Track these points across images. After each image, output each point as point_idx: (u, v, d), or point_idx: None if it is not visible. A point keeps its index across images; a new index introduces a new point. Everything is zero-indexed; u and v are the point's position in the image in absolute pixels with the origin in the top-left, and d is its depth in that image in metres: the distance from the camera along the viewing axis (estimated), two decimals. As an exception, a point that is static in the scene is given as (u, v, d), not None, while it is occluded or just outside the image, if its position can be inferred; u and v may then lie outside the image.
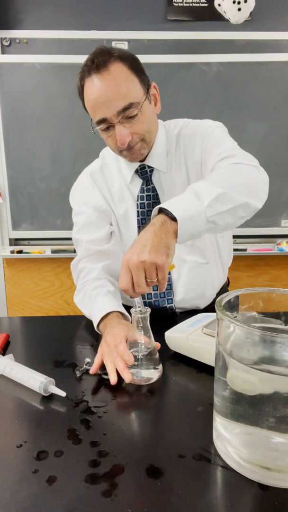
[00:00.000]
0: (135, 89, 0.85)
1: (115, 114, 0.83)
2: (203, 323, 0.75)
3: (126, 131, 0.85)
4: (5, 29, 1.93)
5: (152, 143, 0.95)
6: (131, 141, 0.87)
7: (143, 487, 0.43)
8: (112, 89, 0.83)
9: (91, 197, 1.04)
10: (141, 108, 0.86)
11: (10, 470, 0.46)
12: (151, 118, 0.91)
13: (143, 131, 0.88)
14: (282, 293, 0.52)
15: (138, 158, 0.93)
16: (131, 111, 0.84)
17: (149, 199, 1.00)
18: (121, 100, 0.83)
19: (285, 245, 2.19)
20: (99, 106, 0.84)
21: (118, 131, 0.85)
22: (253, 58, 1.95)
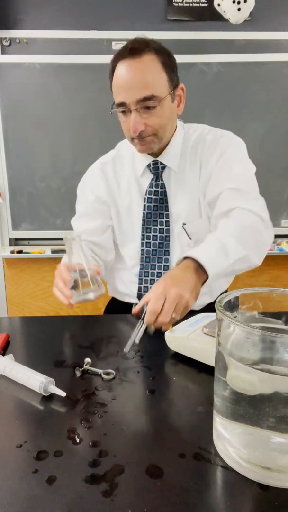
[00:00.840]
0: (161, 84, 0.88)
1: (134, 101, 0.86)
2: (203, 323, 0.75)
3: (141, 120, 0.88)
4: (5, 29, 1.94)
5: (165, 140, 0.97)
6: (144, 132, 0.90)
7: (143, 487, 0.43)
8: (138, 77, 0.85)
9: (95, 188, 1.08)
10: (161, 103, 0.88)
11: (10, 470, 0.46)
12: (170, 116, 0.93)
13: (157, 125, 0.90)
14: (282, 293, 0.52)
15: (147, 150, 0.95)
16: (151, 102, 0.86)
17: (156, 195, 1.02)
18: (144, 89, 0.85)
19: (285, 245, 2.19)
20: (122, 89, 0.87)
21: (133, 118, 0.87)
22: (253, 58, 1.95)
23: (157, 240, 1.04)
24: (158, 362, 0.72)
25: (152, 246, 1.05)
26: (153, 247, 1.05)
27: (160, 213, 1.02)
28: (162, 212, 1.02)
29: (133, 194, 1.05)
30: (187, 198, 1.01)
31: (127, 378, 0.66)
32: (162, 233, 1.04)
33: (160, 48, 0.90)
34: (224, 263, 0.80)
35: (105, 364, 0.71)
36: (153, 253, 1.06)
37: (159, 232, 1.04)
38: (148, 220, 1.04)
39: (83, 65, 1.91)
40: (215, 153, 0.98)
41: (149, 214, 1.03)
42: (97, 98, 1.90)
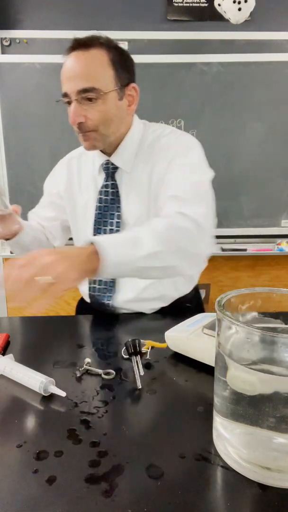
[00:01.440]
0: (105, 78, 0.87)
1: (75, 92, 0.86)
2: (203, 323, 0.75)
3: (81, 111, 0.87)
4: (5, 29, 1.94)
5: (111, 139, 0.94)
6: (84, 125, 0.89)
7: (143, 487, 0.43)
8: (81, 68, 0.85)
9: (58, 182, 1.09)
10: (104, 98, 0.87)
11: (10, 470, 0.46)
12: (115, 113, 0.91)
13: (98, 120, 0.88)
14: (282, 293, 0.52)
15: (91, 147, 0.93)
16: (91, 94, 0.86)
17: (107, 195, 1.00)
18: (85, 80, 0.85)
19: (285, 245, 2.19)
20: (66, 80, 0.88)
21: (72, 108, 0.87)
22: (253, 58, 1.95)
23: None
24: (158, 362, 0.72)
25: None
26: None
27: (111, 214, 0.99)
28: (113, 213, 0.99)
29: (90, 192, 1.03)
30: (138, 201, 0.98)
31: (127, 378, 0.66)
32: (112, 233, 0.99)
33: (110, 45, 0.88)
34: (130, 254, 0.73)
35: (105, 364, 0.71)
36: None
37: (109, 233, 1.00)
38: (99, 220, 1.01)
39: (83, 65, 1.91)
40: (166, 158, 0.93)
41: (99, 214, 1.00)
42: (97, 98, 1.90)
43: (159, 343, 0.76)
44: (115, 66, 0.88)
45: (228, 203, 2.11)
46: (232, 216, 2.14)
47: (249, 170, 2.08)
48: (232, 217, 2.14)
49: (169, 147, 0.95)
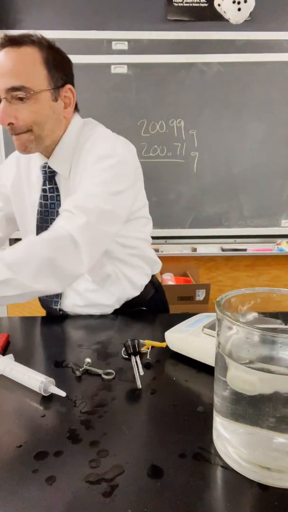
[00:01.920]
0: (36, 77, 0.83)
1: (4, 90, 0.82)
2: (203, 323, 0.75)
3: (11, 111, 0.83)
4: (5, 29, 1.93)
5: (46, 142, 0.90)
6: (15, 127, 0.84)
7: (143, 487, 0.43)
8: (11, 65, 0.81)
9: (4, 173, 1.05)
10: (35, 97, 0.83)
11: (10, 470, 0.46)
12: (47, 114, 0.86)
13: (29, 120, 0.84)
14: (282, 293, 0.52)
15: (25, 150, 0.89)
16: (21, 93, 0.82)
17: (46, 199, 0.95)
18: (14, 78, 0.81)
19: (285, 245, 2.20)
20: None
21: (1, 107, 0.82)
22: (253, 58, 1.95)
23: None
24: (158, 362, 0.72)
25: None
26: None
27: (52, 219, 0.94)
28: (53, 218, 0.94)
29: (36, 192, 0.98)
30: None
31: (127, 378, 0.66)
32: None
33: (45, 44, 0.85)
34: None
35: (105, 364, 0.71)
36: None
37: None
38: (41, 225, 0.96)
39: (83, 65, 1.91)
40: (81, 167, 0.90)
41: (41, 219, 0.96)
42: (97, 98, 1.90)
43: (159, 343, 0.76)
44: (48, 65, 0.84)
45: (228, 203, 2.12)
46: (232, 216, 2.14)
47: (249, 170, 2.08)
48: (232, 217, 2.14)
49: (87, 154, 0.90)
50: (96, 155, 0.88)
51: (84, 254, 0.80)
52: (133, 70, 1.93)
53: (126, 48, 1.94)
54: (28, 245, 0.78)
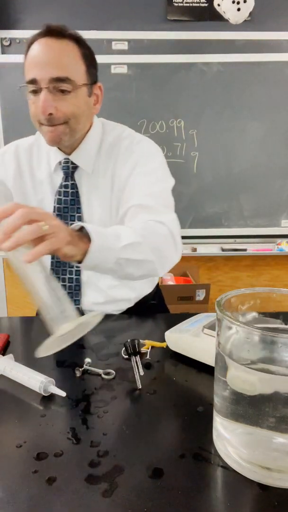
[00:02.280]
0: (78, 71, 0.83)
1: (47, 79, 0.80)
2: (203, 323, 0.75)
3: (52, 102, 0.81)
4: (5, 29, 1.94)
5: (78, 134, 0.90)
6: (54, 117, 0.83)
7: (143, 487, 0.43)
8: (56, 56, 0.81)
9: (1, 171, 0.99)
10: (76, 91, 0.83)
11: (10, 470, 0.46)
12: (84, 108, 0.87)
13: (69, 112, 0.84)
14: (282, 293, 0.52)
15: (57, 141, 0.87)
16: (65, 85, 0.81)
17: (67, 196, 0.95)
18: (60, 69, 0.80)
19: (285, 245, 2.19)
20: (36, 66, 0.80)
21: (43, 96, 0.80)
22: (253, 58, 1.95)
23: None
24: (158, 362, 0.72)
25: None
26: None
27: (71, 215, 0.95)
28: (73, 214, 0.95)
29: (45, 190, 0.96)
30: (100, 203, 0.95)
31: (127, 378, 0.66)
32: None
33: (81, 40, 0.86)
34: (113, 243, 0.73)
35: (105, 364, 0.71)
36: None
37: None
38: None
39: (83, 65, 1.91)
40: (128, 164, 0.92)
41: (59, 216, 0.95)
42: (97, 98, 1.90)
43: (159, 343, 0.76)
44: (86, 60, 0.85)
45: (228, 203, 2.12)
46: (232, 216, 2.14)
47: (249, 170, 2.08)
48: (232, 217, 2.14)
49: (131, 153, 0.92)
50: (144, 154, 0.92)
51: (179, 245, 0.86)
52: (133, 70, 1.93)
53: (126, 48, 1.94)
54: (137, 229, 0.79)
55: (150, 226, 0.81)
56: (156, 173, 0.92)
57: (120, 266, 0.76)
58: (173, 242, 0.84)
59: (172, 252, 0.85)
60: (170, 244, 0.84)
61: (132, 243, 0.75)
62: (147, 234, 0.79)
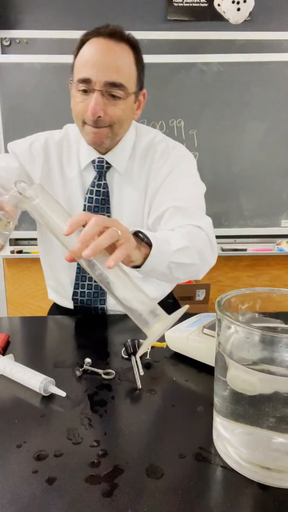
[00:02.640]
0: (131, 78, 0.83)
1: (102, 82, 0.79)
2: (203, 323, 0.75)
3: (102, 104, 0.81)
4: (5, 29, 1.94)
5: (117, 138, 0.91)
6: (101, 120, 0.82)
7: (143, 487, 0.43)
8: (115, 60, 0.79)
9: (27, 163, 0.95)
10: (127, 98, 0.83)
11: (10, 470, 0.46)
12: (129, 114, 0.88)
13: (116, 117, 0.84)
14: (282, 293, 0.52)
15: (98, 143, 0.88)
16: (118, 92, 0.81)
17: (98, 195, 0.94)
18: (117, 74, 0.79)
19: (285, 245, 2.19)
20: (92, 65, 0.79)
21: (95, 99, 0.80)
22: (253, 58, 1.95)
23: None
24: (158, 362, 0.72)
25: None
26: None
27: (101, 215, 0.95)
28: (103, 214, 0.94)
29: (74, 188, 0.96)
30: (131, 204, 0.95)
31: (127, 378, 0.66)
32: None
33: (137, 46, 0.85)
34: (166, 247, 0.74)
35: (105, 364, 0.71)
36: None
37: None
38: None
39: (83, 65, 1.91)
40: (165, 168, 0.93)
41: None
42: (97, 98, 1.90)
43: (158, 343, 0.76)
44: (138, 67, 0.85)
45: (228, 203, 2.12)
46: (232, 216, 2.14)
47: (249, 170, 2.08)
48: (232, 217, 2.14)
49: (168, 157, 0.94)
50: (180, 158, 0.94)
51: (215, 248, 0.89)
52: (133, 70, 1.93)
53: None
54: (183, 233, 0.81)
55: (191, 230, 0.84)
56: (192, 177, 0.95)
57: (170, 270, 0.78)
58: (210, 246, 0.87)
59: (211, 256, 0.88)
60: (208, 248, 0.86)
61: (183, 247, 0.77)
62: (192, 238, 0.81)
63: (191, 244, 0.80)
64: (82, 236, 0.52)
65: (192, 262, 0.81)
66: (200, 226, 0.85)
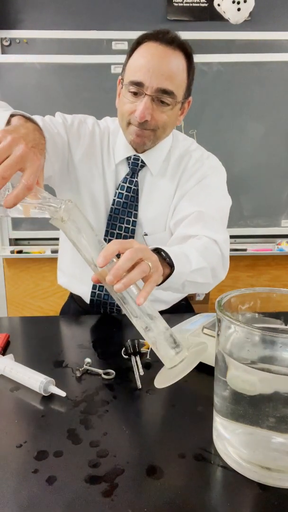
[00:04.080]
0: (182, 87, 0.85)
1: (154, 88, 0.80)
2: (203, 323, 0.75)
3: (151, 109, 0.82)
4: (5, 29, 1.94)
5: (159, 142, 0.93)
6: (147, 123, 0.84)
7: (143, 487, 0.43)
8: (170, 68, 0.81)
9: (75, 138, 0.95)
10: (174, 105, 0.85)
11: (10, 470, 0.46)
12: (173, 120, 0.90)
13: (161, 123, 0.86)
14: (282, 293, 0.52)
15: (140, 145, 0.90)
16: (168, 99, 0.82)
17: (129, 192, 0.96)
18: (170, 82, 0.81)
19: (285, 245, 2.19)
20: (147, 70, 0.80)
21: (145, 103, 0.81)
22: (253, 58, 1.95)
23: (120, 238, 0.97)
24: (158, 362, 0.72)
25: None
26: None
27: (129, 212, 0.96)
28: (131, 211, 0.96)
29: (108, 181, 0.97)
30: (158, 207, 0.97)
31: (127, 378, 0.66)
32: (128, 232, 0.97)
33: (191, 55, 0.86)
34: (185, 267, 0.75)
35: (105, 364, 0.71)
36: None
37: (124, 231, 0.96)
38: (115, 216, 0.96)
39: (83, 65, 1.91)
40: (197, 175, 0.95)
41: (117, 210, 0.96)
42: (97, 98, 1.90)
43: None
44: (189, 76, 0.86)
45: (228, 203, 2.11)
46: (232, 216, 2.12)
47: (249, 170, 2.08)
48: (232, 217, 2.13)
49: (201, 165, 0.96)
50: (212, 169, 0.97)
51: (226, 264, 0.90)
52: (133, 70, 1.93)
53: (126, 48, 1.94)
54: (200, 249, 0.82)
55: (207, 245, 0.84)
56: (221, 189, 0.96)
57: (183, 287, 0.78)
58: (222, 262, 0.88)
59: (222, 272, 0.90)
60: (220, 265, 0.87)
61: (201, 268, 0.78)
62: (207, 255, 0.82)
63: (208, 264, 0.81)
64: (115, 271, 0.52)
65: (205, 282, 0.83)
66: (216, 240, 0.86)
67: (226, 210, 0.97)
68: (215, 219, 0.90)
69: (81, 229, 0.54)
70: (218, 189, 0.96)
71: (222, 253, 0.87)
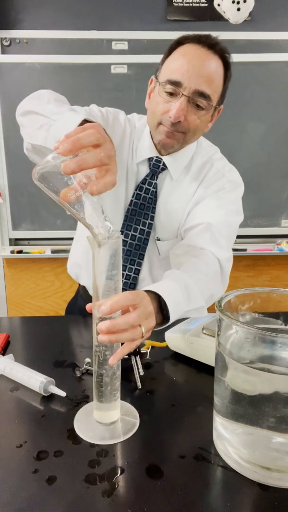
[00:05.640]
0: (217, 92, 0.85)
1: (192, 89, 0.79)
2: (203, 323, 0.75)
3: (185, 111, 0.81)
4: (5, 29, 1.93)
5: (186, 145, 0.92)
6: (179, 125, 0.83)
7: (143, 487, 0.43)
8: (210, 72, 0.80)
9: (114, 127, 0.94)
10: (208, 109, 0.84)
11: (10, 470, 0.46)
12: (204, 125, 0.89)
13: (193, 126, 0.85)
14: (282, 293, 0.52)
15: (168, 146, 0.89)
16: (204, 102, 0.81)
17: (147, 193, 0.95)
18: (207, 85, 0.80)
19: (285, 245, 2.19)
20: (186, 70, 0.79)
21: (181, 104, 0.80)
22: (253, 58, 1.95)
23: (135, 240, 0.97)
24: (158, 362, 0.72)
25: (128, 246, 0.98)
26: (129, 247, 0.98)
27: (146, 213, 0.96)
28: (148, 213, 0.96)
29: (130, 178, 0.95)
30: (174, 211, 0.96)
31: (127, 378, 0.66)
32: (142, 234, 0.96)
33: (229, 63, 0.85)
34: (183, 306, 0.72)
35: (105, 364, 0.71)
36: (127, 253, 0.98)
37: (139, 233, 0.96)
38: (132, 217, 0.96)
39: (83, 65, 1.91)
40: (215, 185, 0.94)
41: (133, 211, 0.95)
42: (97, 98, 1.89)
43: (159, 343, 0.76)
44: (225, 83, 0.86)
45: (228, 203, 2.11)
46: (232, 216, 2.14)
47: (249, 170, 2.08)
48: (232, 217, 2.14)
49: (221, 177, 0.95)
50: (231, 182, 0.95)
51: (225, 282, 0.88)
52: (133, 70, 1.93)
53: (126, 48, 1.94)
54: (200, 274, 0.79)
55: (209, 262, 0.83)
56: (236, 205, 0.95)
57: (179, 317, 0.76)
58: (221, 280, 0.86)
59: (220, 291, 0.86)
60: (219, 283, 0.85)
61: (199, 308, 0.76)
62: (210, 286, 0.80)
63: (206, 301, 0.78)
64: (111, 327, 0.51)
65: (200, 313, 0.80)
66: (219, 258, 0.85)
67: (235, 227, 0.95)
68: (223, 236, 0.89)
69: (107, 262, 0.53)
70: (233, 204, 0.94)
71: (222, 270, 0.86)
